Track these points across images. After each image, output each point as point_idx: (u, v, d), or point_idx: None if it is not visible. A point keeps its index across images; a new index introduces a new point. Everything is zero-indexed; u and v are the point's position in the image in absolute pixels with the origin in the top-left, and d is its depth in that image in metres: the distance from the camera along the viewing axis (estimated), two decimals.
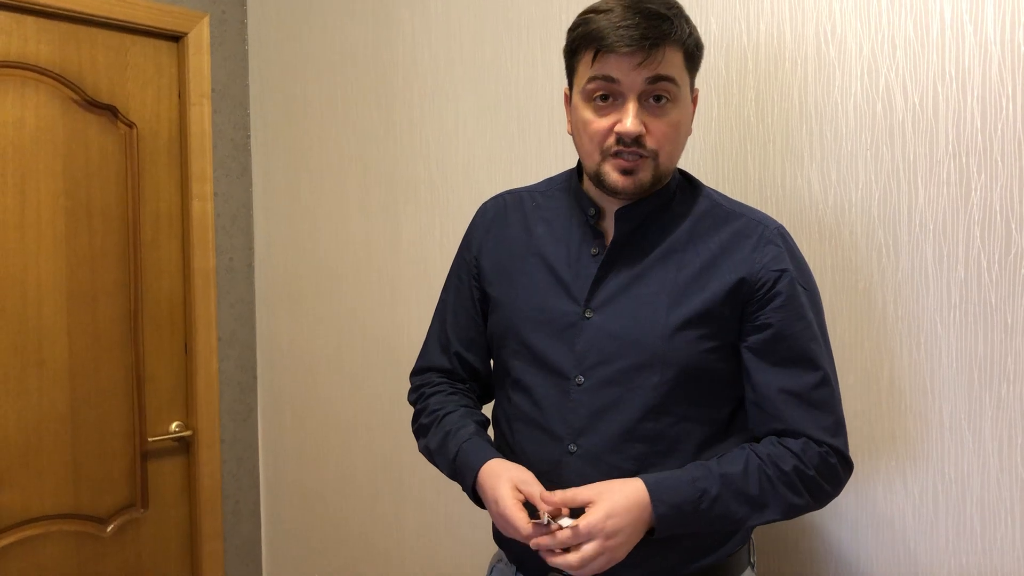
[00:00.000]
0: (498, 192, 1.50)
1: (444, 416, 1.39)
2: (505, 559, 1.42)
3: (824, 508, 1.33)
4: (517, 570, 1.37)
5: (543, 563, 1.22)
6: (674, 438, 1.26)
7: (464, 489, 1.33)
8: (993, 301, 1.39)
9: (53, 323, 2.14)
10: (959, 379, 1.43)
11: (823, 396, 1.25)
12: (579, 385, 1.27)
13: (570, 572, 1.16)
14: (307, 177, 2.42)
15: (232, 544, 2.52)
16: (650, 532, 1.18)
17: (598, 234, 1.31)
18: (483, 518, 2.04)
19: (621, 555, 1.15)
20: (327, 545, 2.46)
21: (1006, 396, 1.38)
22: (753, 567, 1.40)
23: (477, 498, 1.31)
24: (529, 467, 1.30)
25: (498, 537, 1.43)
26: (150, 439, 2.33)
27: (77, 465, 2.20)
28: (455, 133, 2.08)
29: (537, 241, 1.36)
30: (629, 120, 1.18)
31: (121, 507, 2.30)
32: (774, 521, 1.26)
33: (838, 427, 1.25)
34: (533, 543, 1.17)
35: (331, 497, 2.43)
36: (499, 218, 1.43)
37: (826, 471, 1.23)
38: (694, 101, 1.29)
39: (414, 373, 1.52)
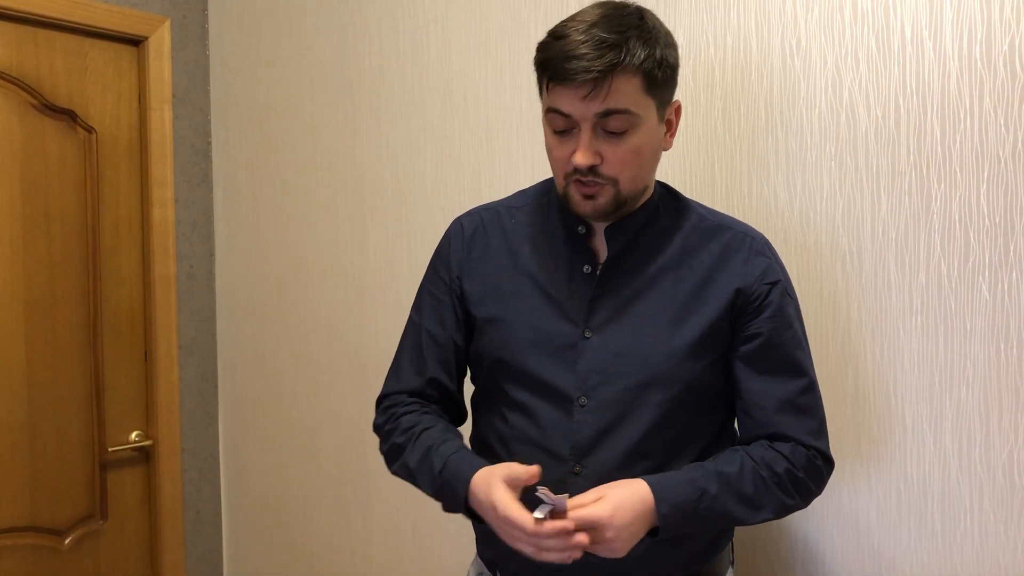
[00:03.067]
0: (467, 200, 1.48)
1: (422, 432, 1.33)
2: (485, 570, 1.41)
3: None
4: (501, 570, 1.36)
5: (531, 567, 1.23)
6: (677, 449, 1.28)
7: (451, 504, 1.26)
8: (953, 307, 1.44)
9: (10, 331, 2.10)
10: (920, 383, 1.47)
11: (808, 402, 1.29)
12: (583, 406, 1.27)
13: (562, 561, 1.14)
14: (270, 184, 2.41)
15: (193, 554, 2.49)
16: (651, 533, 1.19)
17: (587, 251, 1.30)
18: (454, 526, 2.04)
19: (623, 549, 1.15)
20: (291, 554, 2.44)
21: (965, 399, 1.43)
22: (733, 564, 1.43)
23: (469, 510, 1.25)
24: (528, 488, 1.25)
25: (478, 547, 1.42)
26: (110, 449, 2.29)
27: (34, 476, 2.15)
28: (423, 140, 2.09)
29: (524, 261, 1.34)
30: (579, 154, 1.19)
31: (80, 519, 2.26)
32: (767, 520, 1.30)
33: (821, 430, 1.29)
34: (543, 554, 1.13)
35: (295, 505, 2.41)
36: (479, 236, 1.38)
37: (813, 473, 1.27)
38: (675, 114, 1.27)
39: (381, 399, 1.43)
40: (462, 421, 1.45)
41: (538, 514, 1.12)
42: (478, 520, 1.25)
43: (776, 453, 1.25)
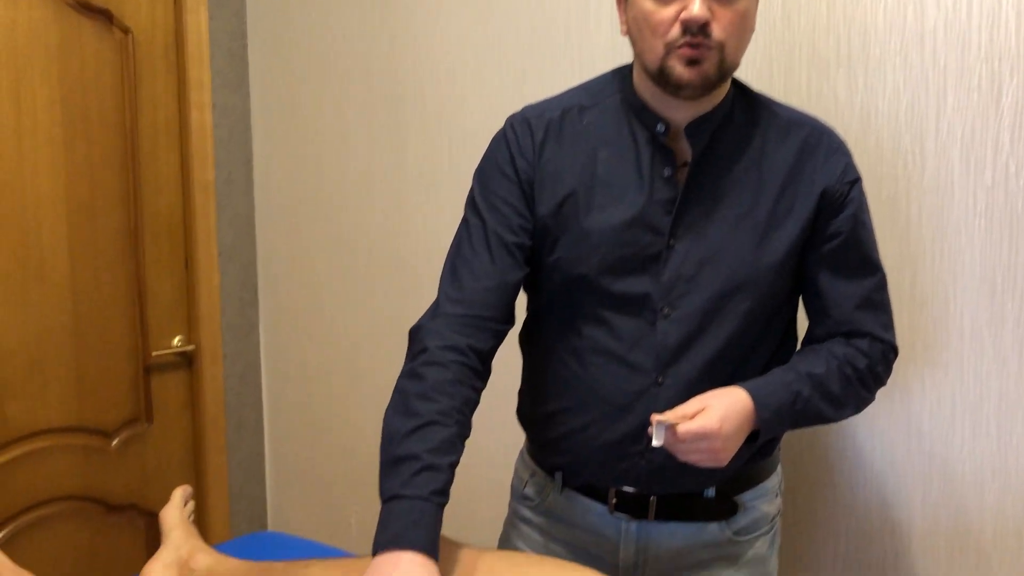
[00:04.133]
0: (511, 107, 1.38)
1: (429, 424, 1.14)
2: (541, 471, 1.38)
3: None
4: (564, 484, 1.35)
5: (599, 474, 1.26)
6: (752, 354, 1.28)
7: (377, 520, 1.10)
8: (1020, 208, 1.40)
9: (53, 235, 2.10)
10: (982, 287, 1.44)
11: (883, 297, 1.30)
12: (666, 316, 1.23)
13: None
14: (307, 90, 2.37)
15: (235, 458, 2.54)
16: (751, 438, 1.21)
17: (668, 152, 1.23)
18: (499, 426, 2.06)
19: (728, 458, 1.17)
20: (333, 460, 2.48)
21: None
22: (779, 461, 1.43)
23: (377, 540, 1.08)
24: (605, 401, 1.26)
25: (535, 453, 1.40)
26: (153, 353, 2.31)
27: (81, 379, 2.18)
28: (465, 44, 2.03)
29: (601, 166, 1.25)
30: (696, 5, 1.10)
31: (126, 421, 2.29)
32: (848, 417, 1.32)
33: (891, 322, 1.31)
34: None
35: (336, 412, 2.44)
36: (550, 138, 1.27)
37: (886, 366, 1.30)
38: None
39: (433, 312, 1.27)
40: (486, 379, 1.25)
41: (656, 442, 1.13)
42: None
43: (855, 350, 1.26)
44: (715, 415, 1.14)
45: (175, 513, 1.60)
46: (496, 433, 1.57)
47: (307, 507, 2.55)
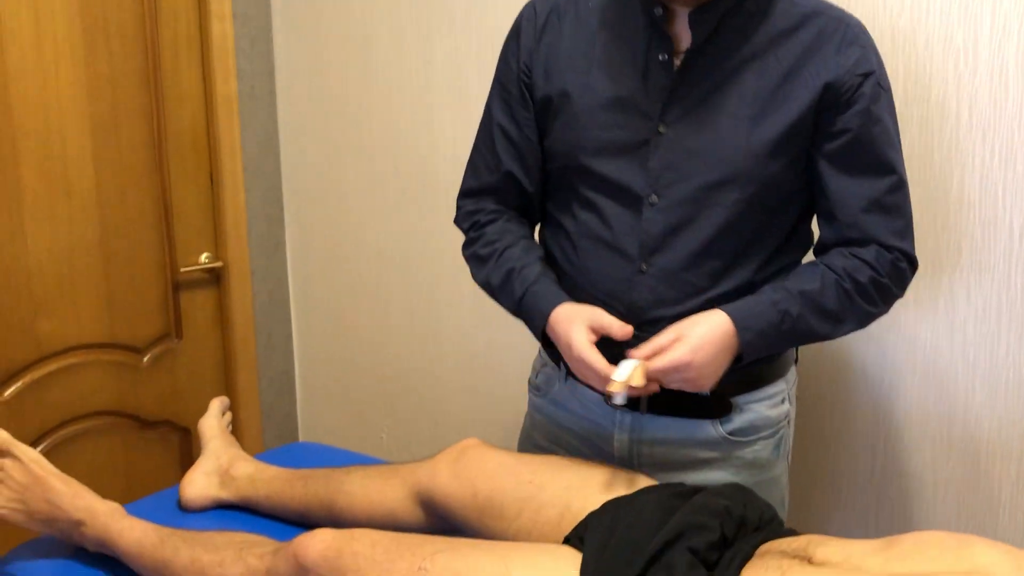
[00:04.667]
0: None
1: (504, 250, 1.34)
2: (551, 363, 1.42)
3: (883, 318, 1.33)
4: (568, 374, 1.37)
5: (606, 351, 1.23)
6: (745, 251, 1.25)
7: (531, 328, 1.31)
8: None
9: (77, 149, 2.07)
10: None
11: (897, 200, 1.23)
12: (652, 204, 1.23)
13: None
14: None
15: (266, 375, 2.55)
16: (737, 359, 1.19)
17: (665, 38, 1.22)
18: (526, 344, 2.05)
19: (709, 384, 1.17)
20: (362, 377, 2.49)
21: None
22: (796, 361, 1.42)
23: (544, 337, 1.29)
24: (593, 287, 1.29)
25: (544, 342, 1.40)
26: (181, 270, 2.31)
27: (111, 295, 2.18)
28: None
29: (598, 49, 1.27)
30: None
31: (156, 338, 2.30)
32: (851, 331, 1.26)
33: (907, 230, 1.25)
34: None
35: (365, 329, 2.44)
36: (552, 22, 1.31)
37: (897, 277, 1.23)
38: None
39: (464, 195, 1.44)
40: (538, 220, 1.44)
41: (618, 401, 1.14)
42: (551, 347, 1.28)
43: (859, 262, 1.21)
44: (686, 347, 1.14)
45: (213, 423, 1.61)
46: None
47: (338, 423, 2.58)
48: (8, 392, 2.02)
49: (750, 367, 1.26)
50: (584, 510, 1.14)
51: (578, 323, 1.20)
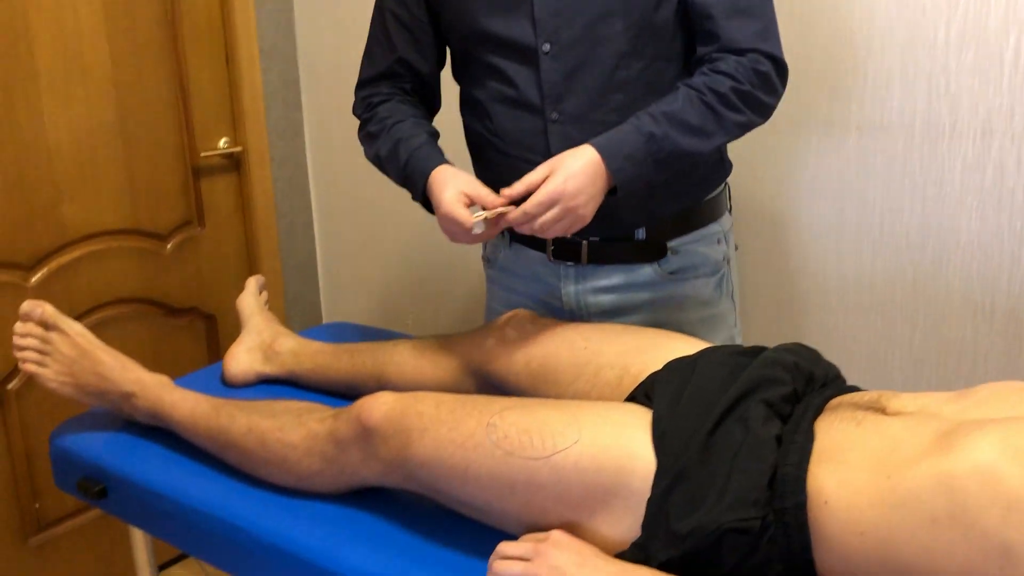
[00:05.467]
0: None
1: (394, 124, 1.39)
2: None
3: (926, 187, 1.31)
4: (511, 239, 1.46)
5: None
6: (649, 81, 1.28)
7: (414, 196, 1.36)
8: None
9: (91, 27, 2.00)
10: None
11: (752, 2, 1.25)
12: (547, 53, 1.27)
13: (540, 235, 1.19)
14: None
15: (289, 263, 2.53)
16: (613, 192, 1.21)
17: None
18: None
19: (588, 213, 1.19)
20: (385, 263, 2.47)
21: None
22: (730, 211, 1.47)
23: (428, 204, 1.33)
24: (511, 146, 1.35)
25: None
26: (201, 154, 2.26)
27: (132, 180, 2.14)
28: None
29: None
30: None
31: (178, 224, 2.27)
32: (723, 144, 1.31)
33: (767, 31, 1.26)
34: (507, 220, 1.19)
35: (386, 215, 2.41)
36: None
37: (761, 81, 1.24)
38: None
39: (360, 86, 1.49)
40: (437, 107, 1.52)
41: (476, 230, 1.21)
42: (432, 212, 1.32)
43: (717, 75, 1.23)
44: (558, 178, 1.16)
45: (251, 300, 1.60)
46: None
47: (362, 309, 2.57)
48: (35, 278, 2.00)
49: (685, 211, 1.35)
50: (644, 372, 1.14)
51: (452, 186, 1.25)
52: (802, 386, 1.02)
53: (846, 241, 1.74)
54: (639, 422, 1.00)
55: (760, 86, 1.23)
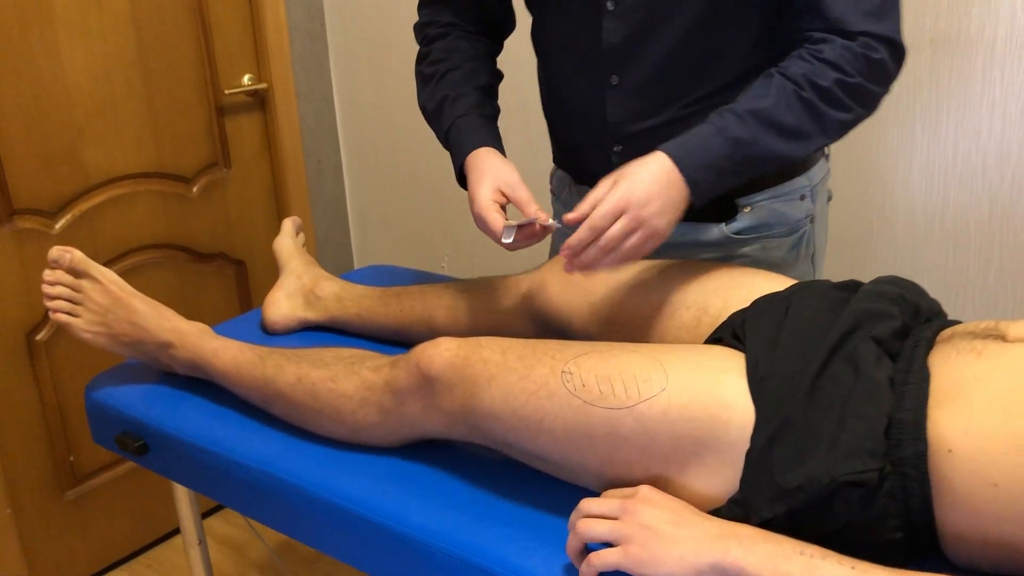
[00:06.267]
0: None
1: (445, 73, 1.28)
2: (561, 169, 1.39)
3: (1007, 109, 1.19)
4: (578, 180, 1.34)
5: (591, 173, 1.17)
6: (720, 50, 1.13)
7: (455, 169, 1.26)
8: None
9: None
10: None
11: None
12: (611, 11, 1.14)
13: (609, 261, 1.02)
14: None
15: (318, 204, 2.44)
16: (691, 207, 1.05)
17: None
18: None
19: (662, 225, 1.01)
20: (418, 203, 2.38)
21: None
22: (827, 157, 1.30)
23: (463, 176, 1.24)
24: (567, 102, 1.24)
25: (559, 160, 1.39)
26: (225, 92, 2.16)
27: (154, 120, 2.04)
28: None
29: None
30: None
31: (204, 166, 2.18)
32: (823, 146, 1.12)
33: (884, 7, 1.04)
34: (567, 247, 1.03)
35: (418, 153, 2.30)
36: None
37: (872, 71, 1.04)
38: None
39: (421, 3, 1.38)
40: (509, 28, 1.40)
41: (505, 240, 1.10)
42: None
43: (820, 64, 1.03)
44: (622, 184, 1.01)
45: (289, 243, 1.52)
46: None
47: (395, 251, 2.48)
48: (60, 224, 1.92)
49: None
50: (725, 311, 1.05)
51: (488, 179, 1.15)
52: (910, 320, 0.93)
53: (915, 168, 1.64)
54: (732, 365, 0.91)
55: (872, 76, 1.04)
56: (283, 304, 1.44)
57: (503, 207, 1.16)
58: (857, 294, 0.95)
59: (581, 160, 1.31)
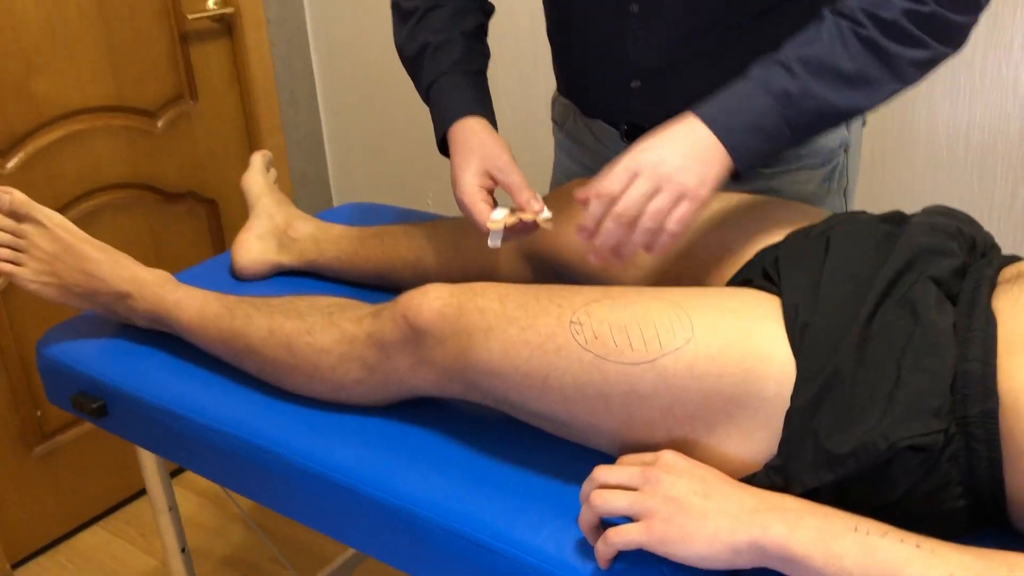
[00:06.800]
0: None
1: (427, 12, 1.11)
2: (565, 97, 1.26)
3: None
4: (582, 112, 1.22)
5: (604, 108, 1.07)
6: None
7: (435, 135, 1.10)
8: None
9: None
10: None
11: None
12: None
13: (631, 241, 0.86)
14: None
15: (293, 139, 2.29)
16: (736, 176, 0.88)
17: None
18: None
19: (693, 184, 0.84)
20: (399, 136, 2.23)
21: None
22: (864, 123, 1.18)
23: (444, 146, 1.09)
24: (579, 30, 1.09)
25: (564, 90, 1.25)
26: (189, 17, 1.99)
27: (112, 48, 1.88)
28: None
29: None
30: None
31: (169, 99, 2.02)
32: (899, 92, 0.91)
33: None
34: (580, 226, 0.88)
35: (399, 83, 2.14)
36: None
37: None
38: None
39: None
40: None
41: (491, 243, 0.96)
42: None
43: None
44: (635, 149, 0.86)
45: (259, 179, 1.38)
46: None
47: (376, 187, 2.35)
48: (12, 163, 1.77)
49: None
50: (751, 247, 0.93)
51: (475, 160, 1.01)
52: (967, 258, 0.81)
53: (938, 84, 1.52)
54: (767, 312, 0.79)
55: (952, 2, 0.85)
56: (254, 247, 1.31)
57: (491, 192, 1.02)
58: (910, 226, 0.83)
59: (593, 92, 1.18)
